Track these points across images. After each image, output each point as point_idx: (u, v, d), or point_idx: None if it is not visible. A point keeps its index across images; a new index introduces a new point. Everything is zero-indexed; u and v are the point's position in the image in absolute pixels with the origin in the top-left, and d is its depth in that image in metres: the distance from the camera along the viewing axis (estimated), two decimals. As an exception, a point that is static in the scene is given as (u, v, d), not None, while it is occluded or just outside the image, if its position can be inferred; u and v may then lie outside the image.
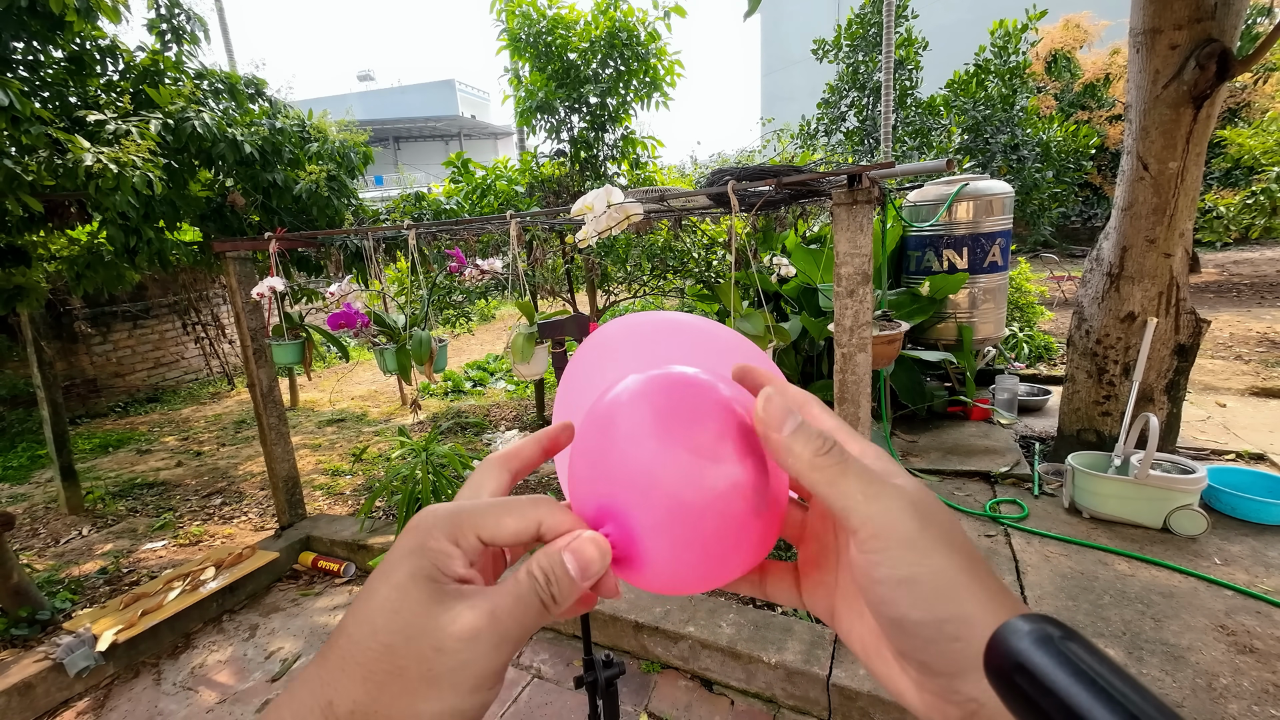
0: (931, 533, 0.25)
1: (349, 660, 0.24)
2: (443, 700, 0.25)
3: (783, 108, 17.94)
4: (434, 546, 0.27)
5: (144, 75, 3.15)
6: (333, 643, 0.25)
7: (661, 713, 2.01)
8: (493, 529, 0.28)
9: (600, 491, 0.31)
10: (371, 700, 0.24)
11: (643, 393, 0.32)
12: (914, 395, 3.82)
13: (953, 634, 0.23)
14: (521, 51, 4.06)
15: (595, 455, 0.31)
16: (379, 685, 0.24)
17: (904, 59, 8.24)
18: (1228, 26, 2.59)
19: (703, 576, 0.31)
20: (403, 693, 0.24)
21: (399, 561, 0.26)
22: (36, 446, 5.15)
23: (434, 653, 0.24)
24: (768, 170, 2.02)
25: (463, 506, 0.28)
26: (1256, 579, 2.28)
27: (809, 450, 0.27)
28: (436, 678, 0.24)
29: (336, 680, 0.24)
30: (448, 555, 0.27)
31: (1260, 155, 6.71)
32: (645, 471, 0.29)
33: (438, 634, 0.25)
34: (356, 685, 0.24)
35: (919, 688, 0.26)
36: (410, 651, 0.24)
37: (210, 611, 2.70)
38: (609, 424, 0.31)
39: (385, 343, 2.55)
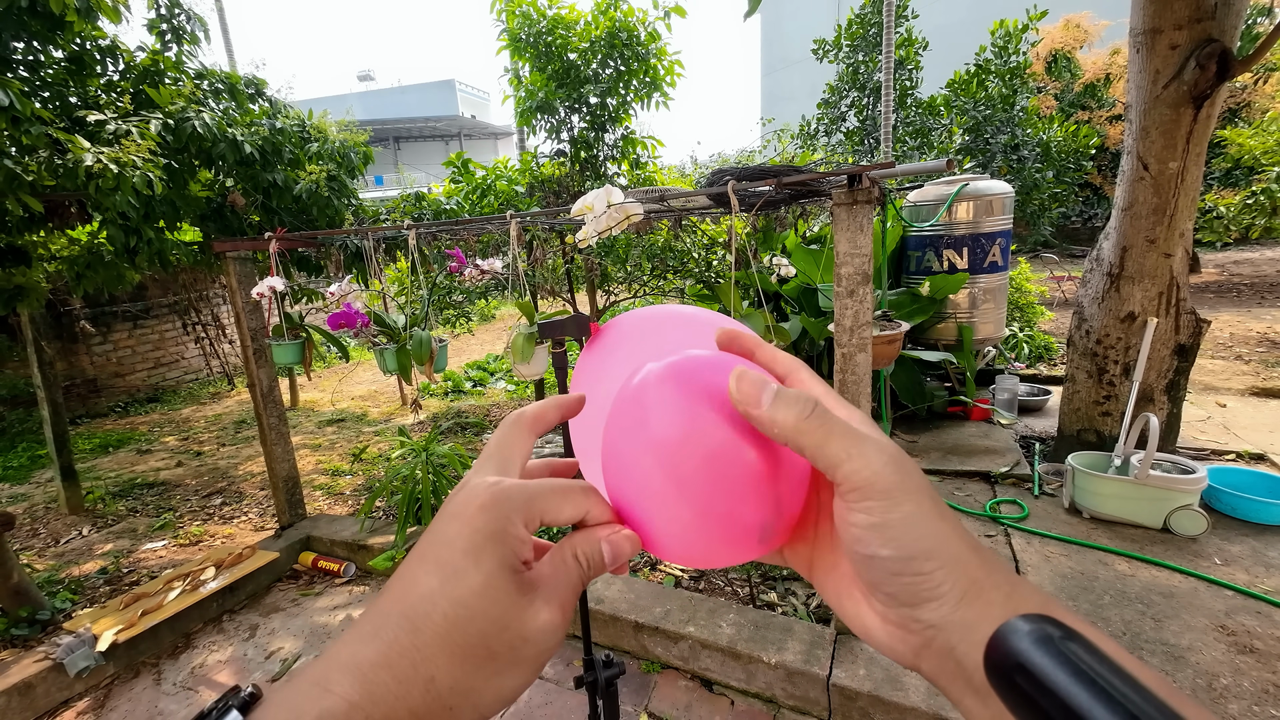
0: (906, 484, 0.27)
1: (449, 641, 0.27)
2: (521, 677, 0.29)
3: (783, 108, 17.94)
4: (514, 534, 0.29)
5: (144, 75, 3.15)
6: (427, 618, 0.27)
7: (661, 713, 2.01)
8: (555, 514, 0.31)
9: (627, 476, 0.33)
10: (468, 677, 0.27)
11: (660, 379, 0.33)
12: (914, 395, 3.82)
13: (917, 569, 0.26)
14: (521, 51, 4.06)
15: (623, 440, 0.33)
16: (476, 666, 0.27)
17: (904, 59, 8.24)
18: (1228, 26, 2.59)
19: (713, 552, 0.33)
20: (494, 673, 0.28)
21: (484, 546, 0.28)
22: (36, 446, 5.15)
23: (521, 641, 0.28)
24: (768, 170, 2.02)
25: (533, 492, 0.31)
26: (1257, 579, 2.28)
27: (792, 416, 0.29)
28: (520, 661, 0.28)
29: (436, 658, 0.27)
30: (524, 543, 0.30)
31: (1260, 155, 6.71)
32: (665, 460, 0.31)
33: (526, 626, 0.28)
34: (456, 664, 0.27)
35: (883, 619, 0.29)
36: (503, 639, 0.28)
37: (210, 611, 2.70)
38: (632, 409, 0.33)
39: (385, 343, 2.55)
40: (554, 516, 0.31)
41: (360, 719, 0.25)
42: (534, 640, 0.29)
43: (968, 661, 0.25)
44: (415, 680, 0.26)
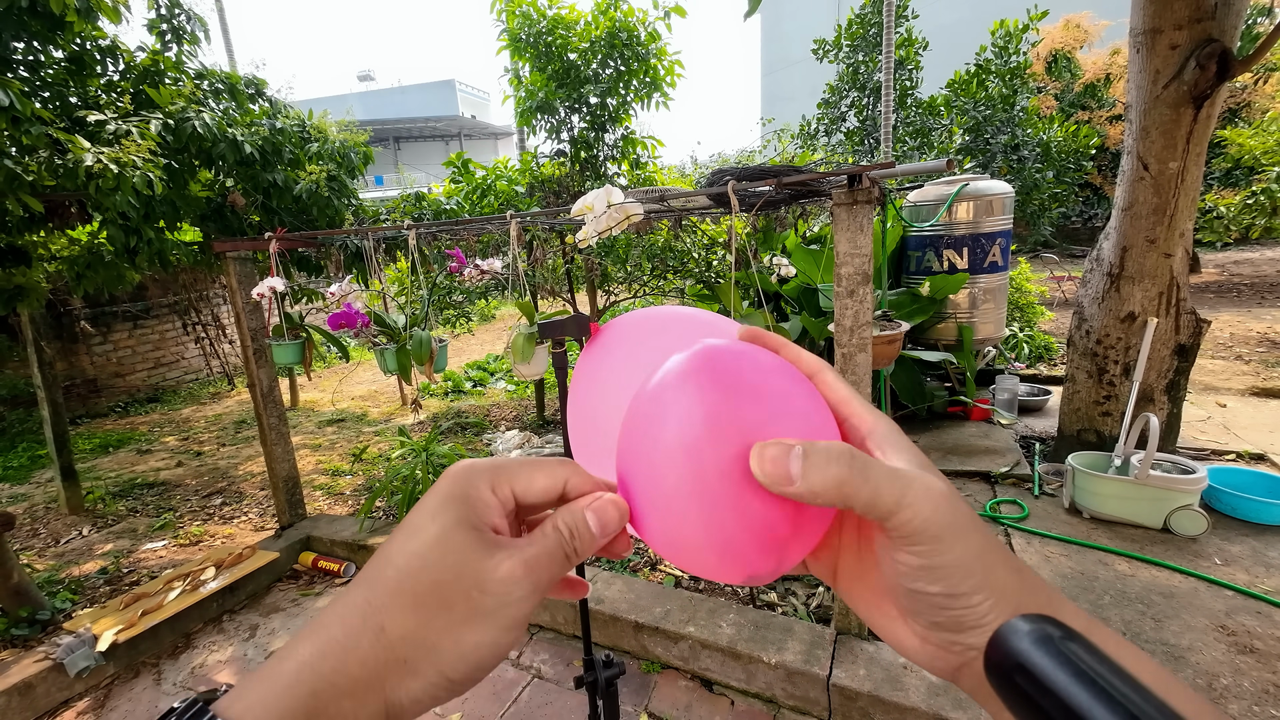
0: (956, 525, 0.27)
1: (400, 591, 0.27)
2: (483, 633, 0.27)
3: (783, 108, 17.94)
4: (476, 495, 0.29)
5: (144, 75, 3.15)
6: (379, 572, 0.27)
7: (661, 713, 2.01)
8: (526, 484, 0.31)
9: (629, 461, 0.32)
10: (421, 627, 0.26)
11: (687, 371, 0.31)
12: (914, 395, 3.82)
13: (964, 603, 0.26)
14: (522, 52, 4.06)
15: (637, 429, 0.32)
16: (429, 615, 0.27)
17: (904, 59, 8.24)
18: (1228, 26, 2.59)
19: (703, 555, 0.31)
20: (450, 624, 0.27)
21: (443, 505, 0.28)
22: (37, 446, 5.15)
23: (479, 593, 0.27)
24: (768, 170, 2.02)
25: (500, 462, 0.31)
26: (1257, 579, 2.28)
27: (831, 481, 0.27)
28: (479, 614, 0.27)
29: (388, 607, 0.26)
30: (487, 505, 0.29)
31: (1260, 155, 6.71)
32: (672, 448, 0.30)
33: (483, 576, 0.27)
34: (408, 614, 0.26)
35: (922, 640, 0.29)
36: (458, 588, 0.27)
37: (210, 611, 2.70)
38: (652, 404, 0.32)
39: (385, 343, 2.55)
40: (526, 485, 0.30)
41: (308, 675, 0.25)
42: (492, 591, 0.27)
43: None
44: (364, 630, 0.26)
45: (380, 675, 0.26)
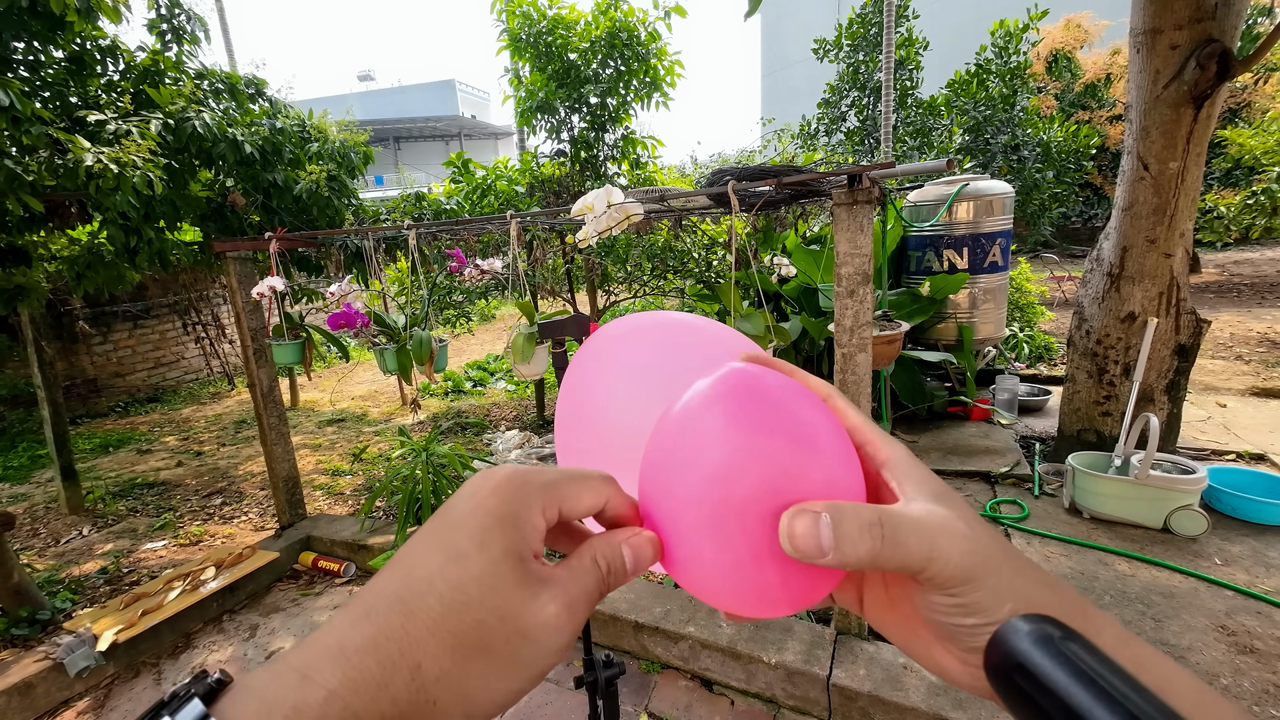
0: (987, 562, 0.27)
1: (441, 629, 0.25)
2: (515, 682, 0.26)
3: (783, 108, 17.93)
4: (528, 520, 0.27)
5: (144, 75, 3.15)
6: (418, 599, 0.25)
7: (661, 713, 2.01)
8: (573, 504, 0.29)
9: (654, 492, 0.31)
10: (457, 670, 0.25)
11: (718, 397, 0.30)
12: (914, 395, 3.82)
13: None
14: (522, 52, 4.07)
15: (662, 457, 0.31)
16: (467, 659, 0.25)
17: (904, 59, 8.24)
18: (1228, 26, 2.59)
19: (739, 596, 0.30)
20: (486, 670, 0.25)
21: (493, 529, 0.26)
22: (37, 446, 5.15)
23: (520, 639, 0.26)
24: (768, 170, 2.02)
25: (551, 478, 0.29)
26: (1257, 579, 2.28)
27: (864, 552, 0.27)
28: (518, 661, 0.26)
29: (426, 644, 0.24)
30: (536, 531, 0.28)
31: (1261, 155, 6.71)
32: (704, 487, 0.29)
33: (527, 621, 0.26)
34: (446, 655, 0.25)
35: (962, 663, 0.28)
36: (501, 632, 0.25)
37: (210, 611, 2.70)
38: (679, 433, 0.31)
39: (385, 343, 2.55)
40: (573, 505, 0.29)
41: (338, 708, 0.22)
42: (535, 639, 0.26)
43: None
44: (401, 666, 0.24)
45: (408, 716, 0.24)
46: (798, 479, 0.28)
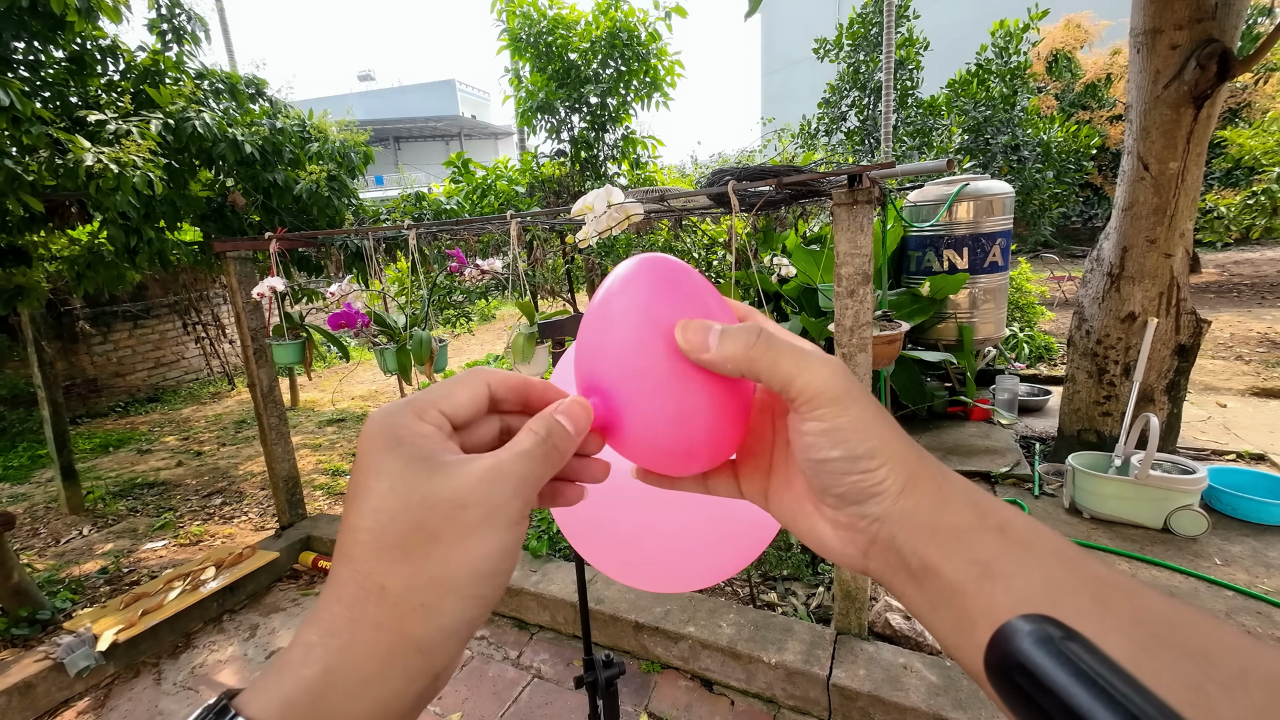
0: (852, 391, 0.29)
1: (381, 548, 0.25)
2: (485, 543, 0.27)
3: (783, 107, 17.92)
4: (409, 430, 0.28)
5: (145, 75, 3.15)
6: (352, 542, 0.26)
7: (661, 713, 2.01)
8: (449, 401, 0.30)
9: (590, 366, 0.35)
10: (419, 569, 0.25)
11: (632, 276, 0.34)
12: (914, 395, 3.82)
13: (864, 467, 0.28)
14: (522, 52, 4.07)
15: (592, 334, 0.35)
16: (422, 555, 0.26)
17: (905, 59, 8.24)
18: (1228, 26, 2.59)
19: (673, 453, 0.34)
20: (448, 553, 0.26)
21: (383, 455, 0.27)
22: (37, 446, 5.15)
23: (460, 509, 0.26)
24: (768, 170, 2.02)
25: (424, 391, 0.30)
26: (1257, 579, 2.28)
27: (740, 346, 0.30)
28: (472, 527, 0.26)
29: (378, 567, 0.25)
30: (425, 435, 0.28)
31: (1261, 155, 6.71)
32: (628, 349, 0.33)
33: (459, 490, 0.26)
34: (401, 564, 0.25)
35: (834, 525, 0.31)
36: (438, 516, 0.26)
37: (210, 611, 2.70)
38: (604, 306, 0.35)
39: (385, 343, 2.55)
40: (449, 402, 0.30)
41: (319, 654, 0.24)
42: (474, 501, 0.26)
43: (905, 548, 0.27)
44: (365, 598, 0.25)
45: (399, 629, 0.25)
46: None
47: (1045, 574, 0.24)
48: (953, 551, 0.26)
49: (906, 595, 0.28)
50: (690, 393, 0.32)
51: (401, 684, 0.25)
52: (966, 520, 0.27)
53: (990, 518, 0.27)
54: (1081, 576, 0.24)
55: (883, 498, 0.28)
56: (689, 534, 0.61)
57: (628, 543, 0.66)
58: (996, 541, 0.26)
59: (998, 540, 0.26)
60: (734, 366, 0.30)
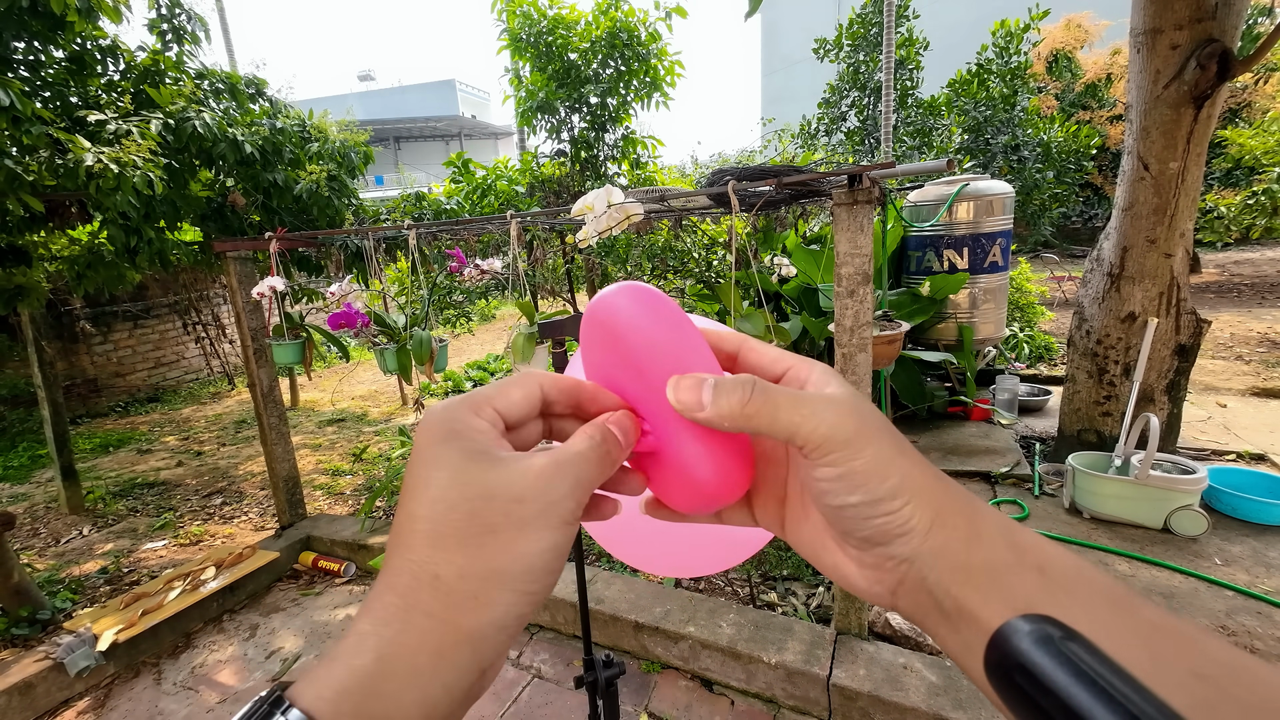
0: (864, 430, 0.27)
1: (438, 537, 0.26)
2: (539, 538, 0.27)
3: (783, 108, 17.92)
4: (467, 425, 0.28)
5: (145, 75, 3.15)
6: (409, 533, 0.26)
7: (662, 713, 2.01)
8: (504, 399, 0.30)
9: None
10: (474, 560, 0.26)
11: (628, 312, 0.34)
12: (914, 395, 3.82)
13: (886, 509, 0.27)
14: (522, 51, 4.06)
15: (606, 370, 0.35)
16: (478, 545, 0.26)
17: (905, 59, 8.24)
18: (1229, 26, 2.59)
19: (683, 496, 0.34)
20: (503, 545, 0.26)
21: (441, 447, 0.27)
22: (37, 446, 5.15)
23: (517, 503, 0.27)
24: (768, 170, 2.02)
25: (469, 392, 0.30)
26: (1257, 579, 2.28)
27: (735, 406, 0.29)
28: (527, 522, 0.27)
29: (433, 557, 0.26)
30: (482, 430, 0.28)
31: (1261, 155, 6.71)
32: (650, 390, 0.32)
33: (516, 485, 0.27)
34: (456, 553, 0.26)
35: (859, 564, 0.30)
36: (495, 509, 0.26)
37: (211, 611, 2.70)
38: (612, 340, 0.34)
39: (385, 343, 2.55)
40: (504, 401, 0.30)
41: (371, 643, 0.24)
42: (531, 496, 0.27)
43: (937, 589, 0.26)
44: (419, 587, 0.25)
45: (451, 620, 0.25)
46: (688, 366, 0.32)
47: (1091, 618, 0.23)
48: (989, 593, 0.25)
49: (940, 636, 0.27)
50: (691, 441, 0.31)
51: (451, 676, 0.25)
52: (1002, 558, 0.25)
53: (1028, 555, 0.25)
54: (1132, 622, 0.23)
55: (909, 537, 0.26)
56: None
57: (643, 526, 0.66)
58: (1035, 582, 0.24)
59: (1037, 580, 0.24)
60: (731, 425, 0.29)
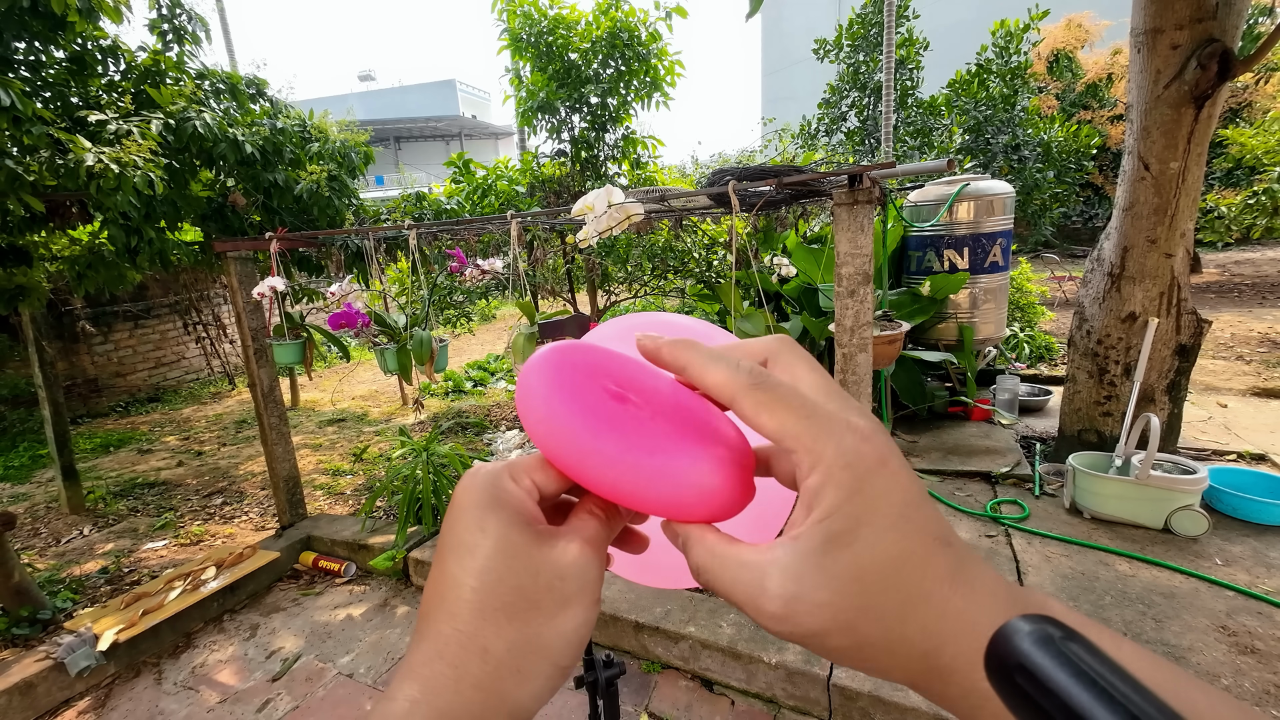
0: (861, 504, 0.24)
1: (486, 609, 0.27)
2: (578, 615, 0.28)
3: (784, 108, 17.93)
4: (509, 491, 0.29)
5: (145, 75, 3.15)
6: (455, 599, 0.27)
7: (662, 713, 2.01)
8: (543, 475, 0.31)
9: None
10: (523, 634, 0.27)
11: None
12: (915, 395, 3.82)
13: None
14: (523, 52, 4.07)
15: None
16: (525, 620, 0.27)
17: (905, 59, 8.24)
18: (1229, 26, 2.58)
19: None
20: (546, 619, 0.27)
21: (485, 514, 0.28)
22: (38, 446, 5.15)
23: (560, 581, 0.28)
24: (768, 170, 2.02)
25: (510, 461, 0.32)
26: (1258, 580, 2.28)
27: (728, 373, 0.28)
28: (567, 599, 0.28)
29: (482, 629, 0.26)
30: (522, 501, 0.30)
31: (1262, 155, 6.70)
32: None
33: (557, 564, 0.28)
34: (505, 627, 0.27)
35: None
36: (540, 585, 0.28)
37: (211, 611, 2.71)
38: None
39: (386, 343, 2.55)
40: (542, 475, 0.31)
41: (423, 712, 0.25)
42: (570, 574, 0.28)
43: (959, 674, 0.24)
44: (469, 659, 0.26)
45: (498, 692, 0.26)
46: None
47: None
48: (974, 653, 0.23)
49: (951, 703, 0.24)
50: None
51: None
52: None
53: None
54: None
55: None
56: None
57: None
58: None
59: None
60: (720, 388, 0.28)
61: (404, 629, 2.53)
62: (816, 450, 0.25)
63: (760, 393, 0.27)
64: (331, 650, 2.44)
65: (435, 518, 3.00)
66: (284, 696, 2.22)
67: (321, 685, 2.26)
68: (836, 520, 0.24)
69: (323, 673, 2.32)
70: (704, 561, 0.28)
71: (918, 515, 0.25)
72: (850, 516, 0.24)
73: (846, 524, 0.24)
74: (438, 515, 3.02)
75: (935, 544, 0.24)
